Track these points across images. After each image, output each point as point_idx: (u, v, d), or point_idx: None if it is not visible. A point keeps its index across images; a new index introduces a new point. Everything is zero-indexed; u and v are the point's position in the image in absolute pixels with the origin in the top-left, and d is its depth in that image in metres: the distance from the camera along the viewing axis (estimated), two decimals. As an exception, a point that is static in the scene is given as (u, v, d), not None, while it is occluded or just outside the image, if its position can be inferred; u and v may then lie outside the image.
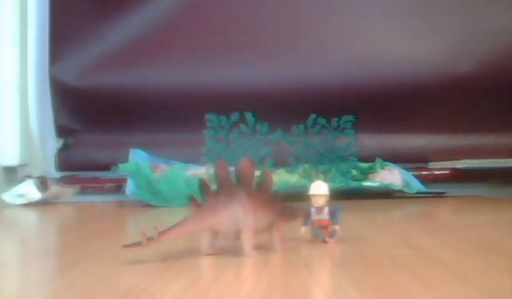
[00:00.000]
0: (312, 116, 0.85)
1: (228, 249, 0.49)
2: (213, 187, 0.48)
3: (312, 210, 0.54)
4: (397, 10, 1.32)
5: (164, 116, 1.29)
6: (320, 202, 0.54)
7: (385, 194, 1.12)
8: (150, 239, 0.45)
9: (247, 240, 0.47)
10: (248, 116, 0.82)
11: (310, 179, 0.89)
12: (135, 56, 1.31)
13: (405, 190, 1.11)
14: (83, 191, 1.25)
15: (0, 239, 0.71)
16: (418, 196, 1.11)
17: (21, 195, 1.12)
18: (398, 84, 1.28)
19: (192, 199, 0.47)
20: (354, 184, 1.07)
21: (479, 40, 1.29)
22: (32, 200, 1.11)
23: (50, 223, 0.90)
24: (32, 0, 1.36)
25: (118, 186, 1.26)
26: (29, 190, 1.13)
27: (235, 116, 0.82)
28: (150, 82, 1.30)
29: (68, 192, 1.20)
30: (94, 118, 1.32)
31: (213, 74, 1.30)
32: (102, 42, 1.32)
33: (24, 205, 1.10)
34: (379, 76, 1.29)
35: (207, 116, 0.83)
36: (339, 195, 0.95)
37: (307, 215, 0.54)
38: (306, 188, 0.55)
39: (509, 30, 1.30)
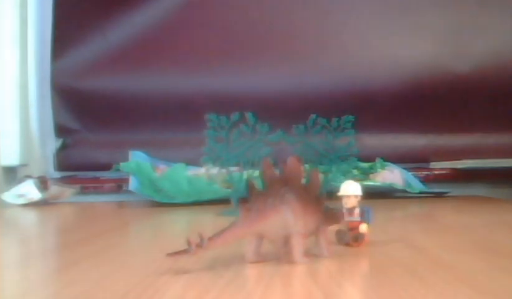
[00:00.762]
0: (312, 116, 0.85)
1: (273, 256, 0.46)
2: (260, 188, 0.45)
3: (344, 211, 0.51)
4: (397, 10, 1.32)
5: (164, 116, 1.29)
6: (351, 202, 0.51)
7: (385, 193, 1.12)
8: (199, 245, 0.41)
9: (298, 246, 0.44)
10: (248, 116, 0.82)
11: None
12: (136, 56, 1.31)
13: (408, 189, 1.11)
14: (83, 191, 1.25)
15: (0, 239, 0.71)
16: (420, 196, 1.11)
17: (21, 195, 1.12)
18: (398, 84, 1.28)
19: (241, 202, 0.45)
20: None
21: (479, 40, 1.29)
22: (32, 200, 1.11)
23: (50, 223, 0.90)
24: (32, 0, 1.36)
25: (118, 186, 1.26)
26: (29, 190, 1.13)
27: (235, 116, 0.82)
28: (150, 82, 1.30)
29: (68, 192, 1.20)
30: (94, 118, 1.32)
31: (214, 75, 1.30)
32: (103, 42, 1.32)
33: (24, 205, 1.10)
34: (379, 76, 1.29)
35: (207, 116, 0.83)
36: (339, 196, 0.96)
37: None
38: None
39: (509, 30, 1.30)
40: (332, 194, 0.53)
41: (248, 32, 1.32)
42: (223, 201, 0.92)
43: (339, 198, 0.52)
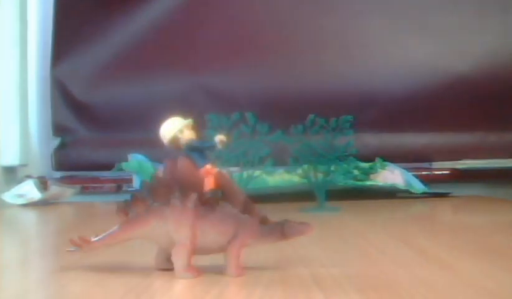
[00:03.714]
0: (311, 116, 0.85)
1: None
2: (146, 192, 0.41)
3: None
4: (397, 10, 1.32)
5: (164, 115, 1.29)
6: None
7: (386, 194, 1.12)
8: (80, 245, 0.43)
9: (177, 258, 0.40)
10: (248, 116, 0.82)
11: (309, 179, 0.89)
12: (136, 56, 1.31)
13: (410, 190, 1.11)
14: (83, 191, 1.25)
15: (0, 239, 0.71)
16: (422, 196, 1.11)
17: (21, 196, 1.12)
18: (398, 83, 1.28)
19: (119, 207, 0.42)
20: (356, 184, 1.07)
21: (479, 40, 1.29)
22: (32, 200, 1.11)
23: (50, 223, 0.90)
24: (32, 0, 1.36)
25: (118, 186, 1.26)
26: (29, 190, 1.13)
27: (235, 116, 0.82)
28: (150, 82, 1.30)
29: (68, 192, 1.20)
30: (93, 117, 1.32)
31: (214, 75, 1.30)
32: (103, 41, 1.32)
33: (24, 205, 1.10)
34: (379, 75, 1.29)
35: (207, 116, 0.83)
36: (340, 196, 0.96)
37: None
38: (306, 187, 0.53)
39: (509, 30, 1.30)
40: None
41: (248, 32, 1.32)
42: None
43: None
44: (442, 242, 0.58)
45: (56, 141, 1.33)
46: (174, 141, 0.44)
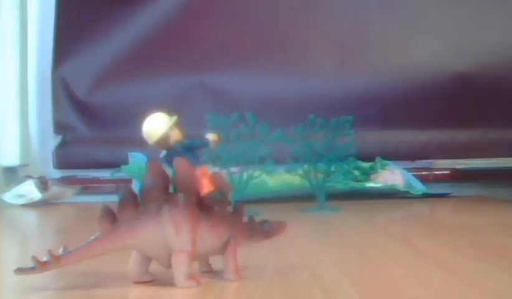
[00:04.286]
0: (311, 116, 0.85)
1: (165, 276, 0.38)
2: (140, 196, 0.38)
3: None
4: (397, 8, 1.32)
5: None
6: None
7: (386, 194, 1.12)
8: (45, 263, 0.36)
9: (179, 266, 0.37)
10: (248, 116, 0.82)
11: (310, 179, 0.89)
12: (137, 56, 1.31)
13: (410, 191, 1.11)
14: (83, 191, 1.25)
15: (0, 239, 0.71)
16: (422, 197, 1.11)
17: (21, 196, 1.12)
18: (399, 81, 1.28)
19: (102, 213, 0.37)
20: (356, 185, 1.07)
21: (479, 38, 1.29)
22: (33, 200, 1.11)
23: (50, 224, 0.90)
24: (32, 0, 1.36)
25: (118, 186, 1.26)
26: (29, 191, 1.13)
27: (235, 116, 0.82)
28: (150, 81, 1.30)
29: (69, 193, 1.20)
30: (94, 115, 1.32)
31: (214, 75, 1.31)
32: (107, 43, 1.32)
33: (24, 205, 1.10)
34: (380, 74, 1.29)
35: (207, 116, 0.83)
36: (340, 196, 0.96)
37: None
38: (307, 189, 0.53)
39: (509, 29, 1.30)
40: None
41: (248, 33, 1.32)
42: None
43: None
44: (442, 242, 0.58)
45: (57, 139, 1.33)
46: (164, 140, 0.42)
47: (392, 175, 1.12)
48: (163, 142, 0.41)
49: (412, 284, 0.38)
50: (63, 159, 1.31)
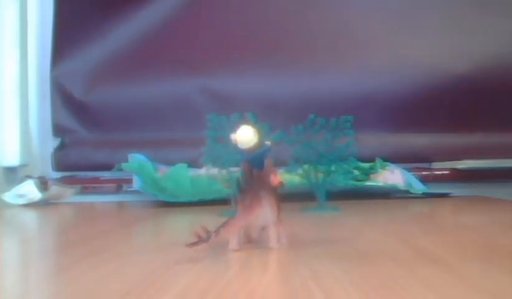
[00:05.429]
0: (311, 116, 0.85)
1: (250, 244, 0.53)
2: (237, 187, 0.51)
3: None
4: (397, 10, 1.32)
5: (164, 115, 1.29)
6: None
7: (386, 194, 1.12)
8: (208, 236, 0.49)
9: (274, 234, 0.52)
10: (248, 116, 0.82)
11: (310, 179, 0.89)
12: (136, 57, 1.31)
13: (411, 190, 1.11)
14: (83, 191, 1.25)
15: (0, 239, 0.71)
16: (422, 196, 1.11)
17: (21, 196, 1.12)
18: (399, 83, 1.28)
19: (236, 198, 0.51)
20: (357, 184, 1.07)
21: (479, 40, 1.29)
22: (33, 200, 1.11)
23: (50, 223, 0.90)
24: (32, 1, 1.36)
25: (118, 186, 1.26)
26: (29, 191, 1.13)
27: (235, 116, 0.82)
28: (150, 82, 1.30)
29: (69, 192, 1.20)
30: (93, 118, 1.32)
31: (214, 75, 1.31)
32: (104, 44, 1.32)
33: (24, 205, 1.10)
34: (380, 75, 1.29)
35: (207, 116, 0.83)
36: (340, 196, 0.96)
37: None
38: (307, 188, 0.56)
39: (509, 30, 1.30)
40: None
41: (247, 33, 1.32)
42: (225, 201, 0.92)
43: None
44: (442, 241, 0.58)
45: (56, 142, 1.33)
46: (252, 147, 0.53)
47: (392, 175, 1.12)
48: (251, 149, 0.52)
49: (412, 284, 0.38)
50: (61, 162, 1.31)
